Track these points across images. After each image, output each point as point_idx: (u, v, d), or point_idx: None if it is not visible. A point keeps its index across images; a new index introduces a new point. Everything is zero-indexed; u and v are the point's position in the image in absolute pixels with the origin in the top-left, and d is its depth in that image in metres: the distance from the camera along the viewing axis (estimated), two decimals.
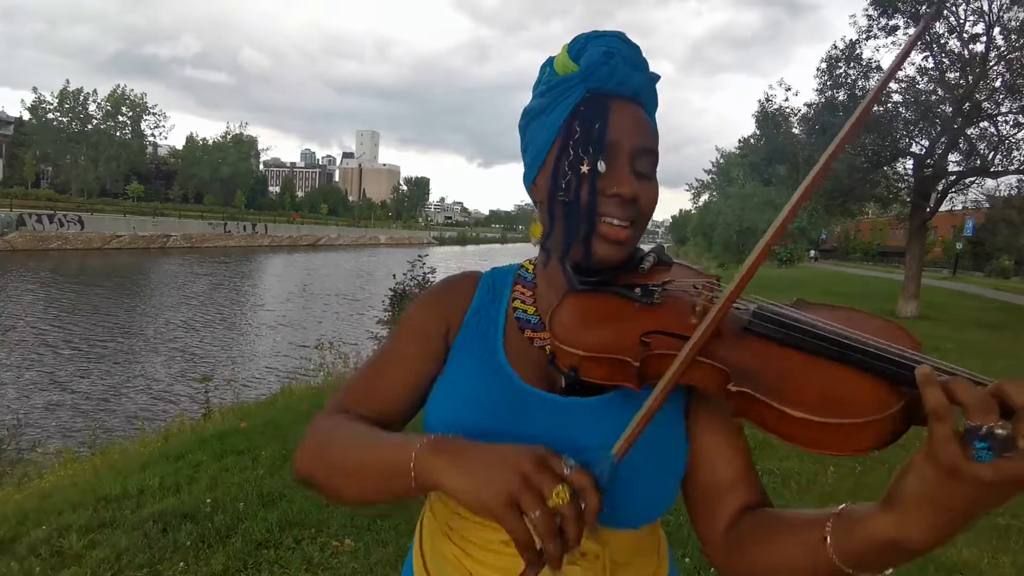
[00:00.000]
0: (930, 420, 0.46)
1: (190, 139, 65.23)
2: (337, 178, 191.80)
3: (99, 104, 51.52)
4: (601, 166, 0.71)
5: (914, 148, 12.87)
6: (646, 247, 0.82)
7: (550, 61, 0.77)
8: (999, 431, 0.43)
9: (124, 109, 52.75)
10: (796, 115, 14.33)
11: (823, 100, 13.04)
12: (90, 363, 10.20)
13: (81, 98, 50.36)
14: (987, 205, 18.14)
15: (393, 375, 0.81)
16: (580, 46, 0.74)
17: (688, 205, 78.21)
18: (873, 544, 0.51)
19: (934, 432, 0.46)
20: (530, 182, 0.79)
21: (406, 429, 0.80)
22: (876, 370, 0.53)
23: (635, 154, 0.73)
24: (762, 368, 0.57)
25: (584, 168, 0.70)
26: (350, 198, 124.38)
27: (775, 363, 0.58)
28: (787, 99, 14.60)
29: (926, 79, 12.18)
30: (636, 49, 0.75)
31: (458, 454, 0.60)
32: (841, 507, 0.56)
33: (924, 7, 11.41)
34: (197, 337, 12.88)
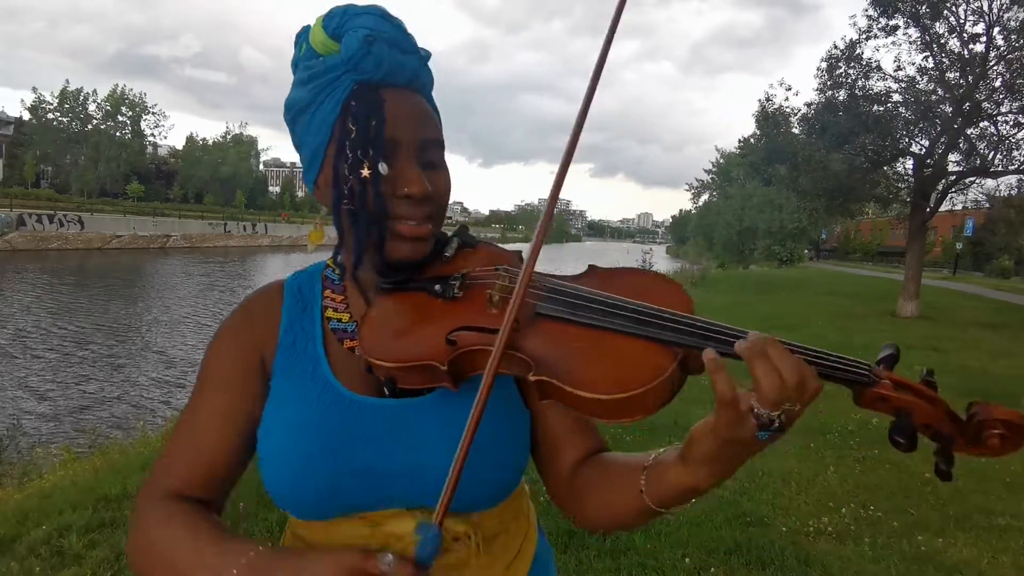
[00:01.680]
0: (718, 405, 0.53)
1: (190, 139, 65.14)
2: None
3: (99, 104, 51.51)
4: (383, 168, 0.65)
5: (914, 148, 12.85)
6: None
7: (305, 34, 0.69)
8: (777, 416, 0.51)
9: (124, 109, 52.69)
10: (796, 115, 14.30)
11: (823, 100, 13.02)
12: (90, 363, 10.20)
13: (81, 98, 50.32)
14: (987, 205, 18.12)
15: (208, 436, 0.72)
16: (338, 23, 0.66)
17: (688, 205, 78.22)
18: (675, 490, 0.61)
19: (721, 416, 0.53)
20: (311, 184, 0.73)
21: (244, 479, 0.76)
22: (652, 337, 0.58)
23: (420, 147, 0.69)
24: (555, 352, 0.60)
25: (365, 172, 0.65)
26: None
27: (567, 345, 0.60)
28: (787, 99, 14.55)
29: (926, 79, 12.18)
30: (400, 28, 0.68)
31: None
32: (652, 457, 0.64)
33: (924, 7, 11.41)
34: (198, 337, 12.88)
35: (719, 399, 0.52)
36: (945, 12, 11.42)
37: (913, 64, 12.76)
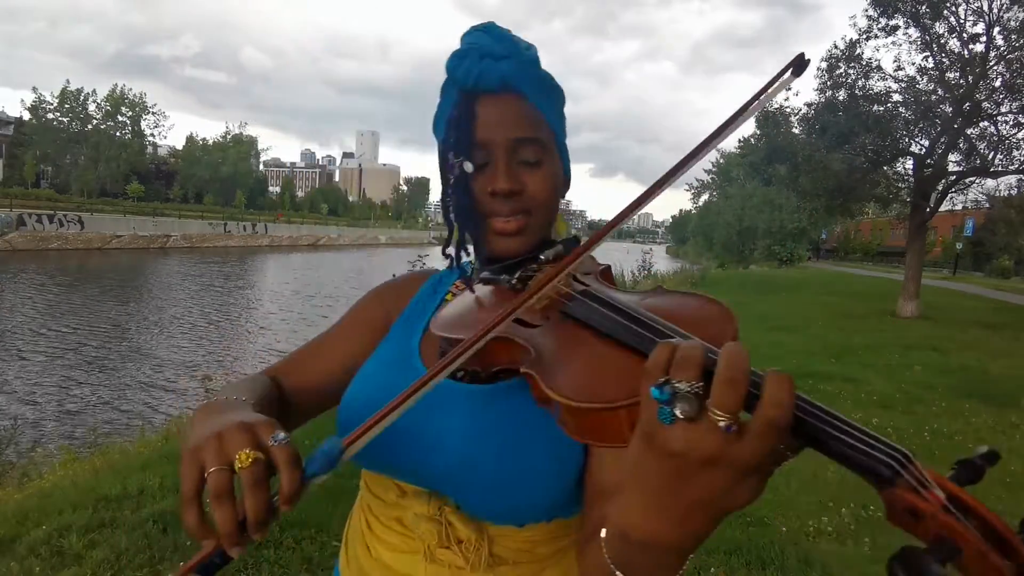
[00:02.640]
0: (642, 378, 0.41)
1: (190, 139, 65.14)
2: (337, 178, 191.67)
3: (99, 104, 51.48)
4: (468, 167, 0.72)
5: (914, 148, 12.86)
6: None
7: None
8: (679, 385, 0.37)
9: (124, 109, 52.67)
10: (796, 115, 14.32)
11: (823, 100, 13.04)
12: (90, 364, 10.19)
13: (81, 98, 50.32)
14: (987, 205, 18.13)
15: (324, 352, 0.87)
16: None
17: (688, 205, 78.21)
18: (616, 538, 0.46)
19: (641, 390, 0.41)
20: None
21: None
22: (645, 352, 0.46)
23: (512, 147, 0.73)
24: (556, 351, 0.56)
25: (456, 171, 0.73)
26: (350, 198, 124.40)
27: (570, 347, 0.56)
28: (787, 99, 14.58)
29: (926, 79, 12.18)
30: (500, 37, 0.74)
31: (208, 412, 0.58)
32: None
33: (924, 7, 11.41)
34: (196, 337, 12.88)
35: (645, 368, 0.41)
36: (945, 12, 11.42)
37: (913, 64, 12.79)
